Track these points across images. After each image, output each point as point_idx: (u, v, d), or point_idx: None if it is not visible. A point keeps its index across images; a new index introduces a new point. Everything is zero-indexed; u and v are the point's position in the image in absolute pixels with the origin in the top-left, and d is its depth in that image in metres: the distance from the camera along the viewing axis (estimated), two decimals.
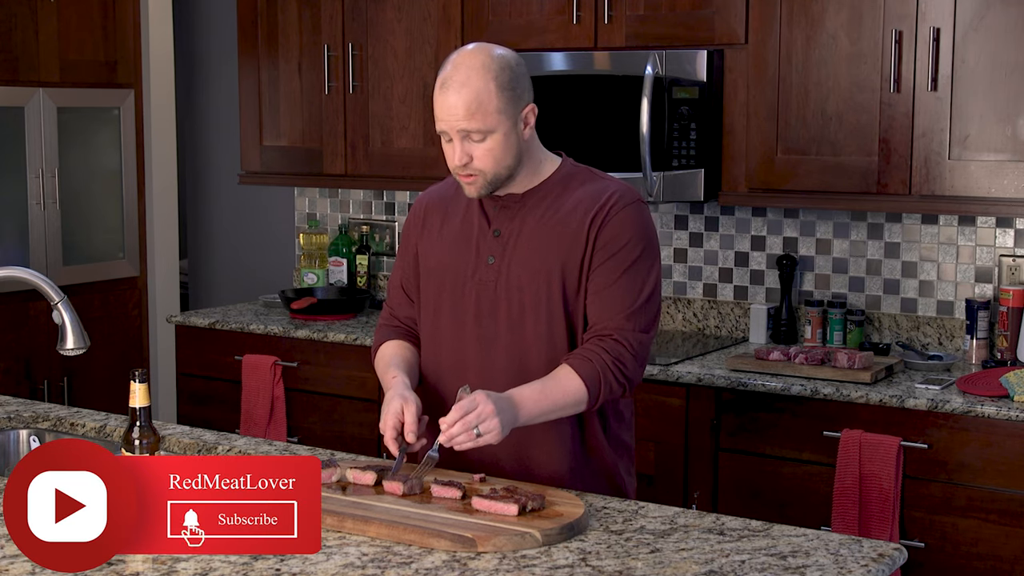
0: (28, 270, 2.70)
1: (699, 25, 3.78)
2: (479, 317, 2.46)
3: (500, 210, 2.48)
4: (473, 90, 2.33)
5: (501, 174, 2.40)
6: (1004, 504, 3.17)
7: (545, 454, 2.46)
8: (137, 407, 2.22)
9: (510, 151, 2.38)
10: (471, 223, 2.50)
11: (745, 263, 4.15)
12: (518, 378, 2.42)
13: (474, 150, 2.36)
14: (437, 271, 2.52)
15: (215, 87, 5.48)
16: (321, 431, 4.27)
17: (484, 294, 2.46)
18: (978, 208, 3.49)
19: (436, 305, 2.52)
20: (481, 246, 2.48)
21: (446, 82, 2.36)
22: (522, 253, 2.44)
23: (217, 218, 5.52)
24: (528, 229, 2.45)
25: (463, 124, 2.34)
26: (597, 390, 2.36)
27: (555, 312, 2.42)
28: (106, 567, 1.96)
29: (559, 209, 2.44)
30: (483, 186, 2.41)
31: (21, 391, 4.73)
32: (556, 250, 2.42)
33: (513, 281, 2.44)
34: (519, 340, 2.44)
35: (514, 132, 2.38)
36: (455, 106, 2.34)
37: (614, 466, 2.53)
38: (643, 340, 2.41)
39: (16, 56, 4.70)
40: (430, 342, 2.55)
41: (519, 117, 2.39)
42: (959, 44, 3.42)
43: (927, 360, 3.63)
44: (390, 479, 2.28)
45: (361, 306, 4.53)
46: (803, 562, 1.99)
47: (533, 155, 2.47)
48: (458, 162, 2.37)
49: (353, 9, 4.45)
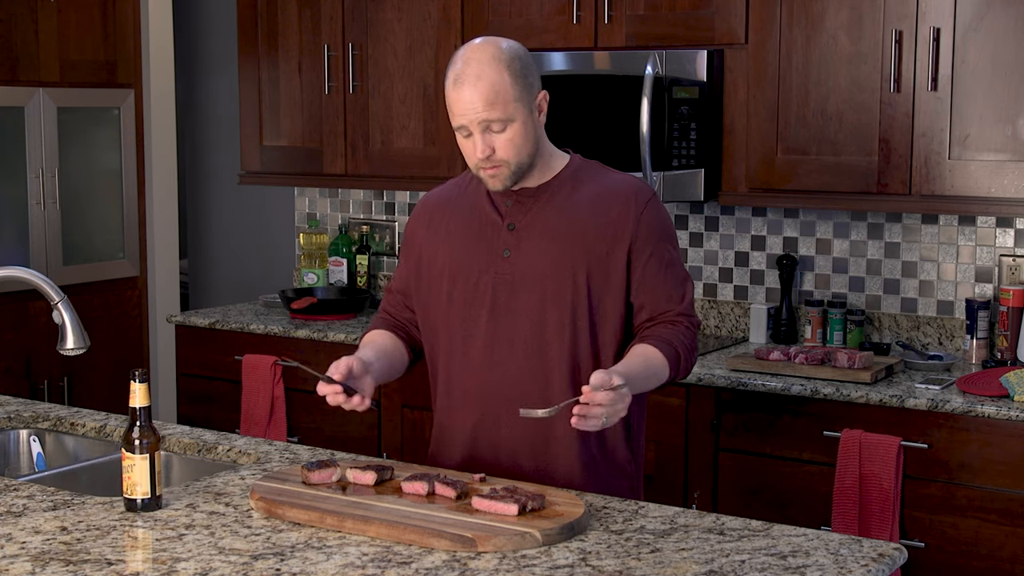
0: (28, 270, 2.70)
1: (699, 25, 3.78)
2: (495, 311, 2.46)
3: (514, 205, 2.47)
4: (489, 81, 2.34)
5: (524, 162, 2.41)
6: (1004, 504, 3.17)
7: (564, 448, 2.47)
8: (137, 407, 2.22)
9: (529, 138, 2.40)
10: (481, 219, 2.50)
11: (745, 263, 4.15)
12: (536, 369, 2.43)
13: (495, 141, 2.37)
14: (448, 269, 2.51)
15: (215, 87, 5.48)
16: (321, 431, 4.27)
17: (501, 287, 2.46)
18: (978, 208, 3.49)
19: (445, 302, 2.51)
20: (495, 240, 2.47)
21: (460, 77, 2.36)
22: (541, 245, 2.44)
23: (217, 218, 5.52)
24: (546, 222, 2.45)
25: (483, 115, 2.34)
26: (675, 372, 2.44)
27: (579, 302, 2.43)
28: (106, 567, 1.96)
29: (578, 201, 2.46)
30: (507, 176, 2.41)
31: (21, 391, 4.73)
32: (581, 242, 2.43)
33: (533, 273, 2.44)
34: (539, 332, 2.44)
35: (531, 119, 2.40)
36: (472, 99, 2.34)
37: (627, 461, 2.54)
38: (698, 325, 2.50)
39: (16, 56, 4.71)
40: (440, 339, 2.54)
41: (534, 104, 2.41)
42: (959, 44, 3.42)
43: (927, 360, 3.63)
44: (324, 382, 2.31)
45: (361, 306, 4.53)
46: (803, 562, 1.99)
47: (546, 147, 2.49)
48: (481, 155, 2.38)
49: (353, 9, 4.45)
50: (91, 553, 2.02)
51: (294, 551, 2.03)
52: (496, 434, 2.48)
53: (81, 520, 2.20)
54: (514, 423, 2.43)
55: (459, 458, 2.53)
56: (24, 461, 2.91)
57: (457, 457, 2.54)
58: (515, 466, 2.47)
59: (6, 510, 2.25)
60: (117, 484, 2.30)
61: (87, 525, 2.17)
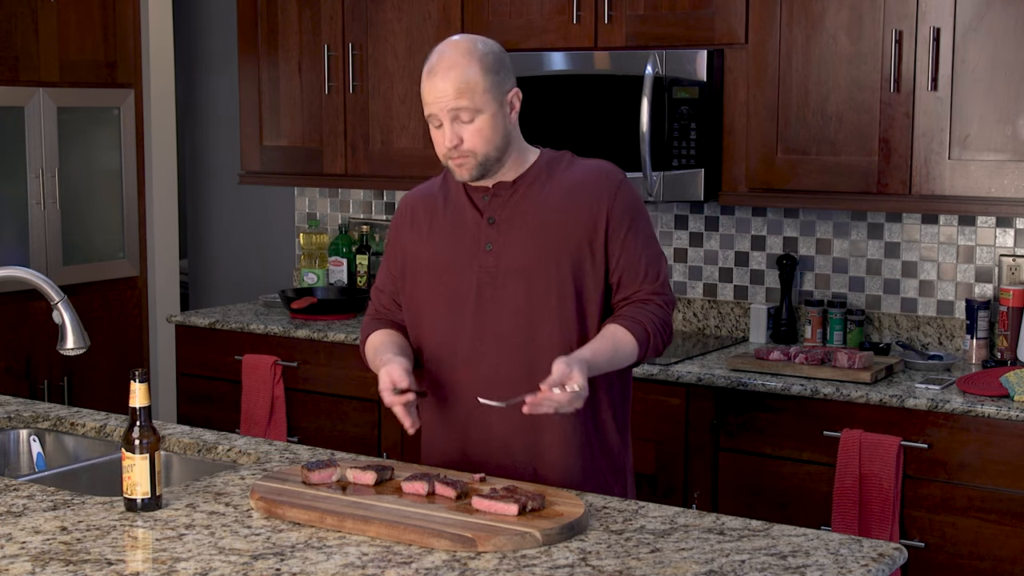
0: (28, 270, 2.70)
1: (699, 25, 3.78)
2: (480, 303, 2.48)
3: (492, 198, 2.51)
4: (460, 71, 2.39)
5: (491, 155, 2.44)
6: (1004, 504, 3.17)
7: (558, 436, 2.49)
8: (137, 407, 2.22)
9: (498, 132, 2.44)
10: (461, 215, 2.53)
11: (745, 263, 4.15)
12: (524, 359, 2.46)
13: (464, 131, 2.42)
14: (431, 264, 2.54)
15: (215, 87, 5.48)
16: (321, 431, 4.27)
17: (485, 280, 2.48)
18: (978, 208, 3.49)
19: (431, 298, 2.54)
20: (477, 234, 2.51)
21: (433, 68, 2.42)
22: (522, 236, 2.48)
23: (217, 218, 5.52)
24: (525, 213, 2.49)
25: (452, 103, 2.39)
26: (644, 352, 2.47)
27: (566, 290, 2.47)
28: (106, 567, 1.96)
29: (554, 190, 2.50)
30: (474, 167, 2.45)
31: (21, 391, 4.73)
32: (562, 230, 2.47)
33: (516, 264, 2.47)
34: (527, 322, 2.47)
35: (501, 113, 2.44)
36: (444, 89, 2.40)
37: (620, 450, 2.57)
38: (673, 303, 2.53)
39: (16, 56, 4.71)
40: (427, 335, 2.56)
41: (505, 100, 2.45)
42: (959, 44, 3.42)
43: (927, 360, 3.63)
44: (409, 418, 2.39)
45: (361, 306, 4.53)
46: (803, 562, 1.99)
47: (519, 143, 2.52)
48: (449, 143, 2.42)
49: (353, 9, 4.45)
50: (91, 553, 2.02)
51: (294, 551, 2.03)
52: (487, 425, 2.50)
53: (81, 520, 2.20)
54: (504, 413, 2.44)
55: (452, 452, 2.55)
56: (24, 461, 2.91)
57: (450, 451, 2.55)
58: (508, 457, 2.49)
59: (6, 510, 2.25)
60: (117, 484, 2.30)
61: (87, 525, 2.17)
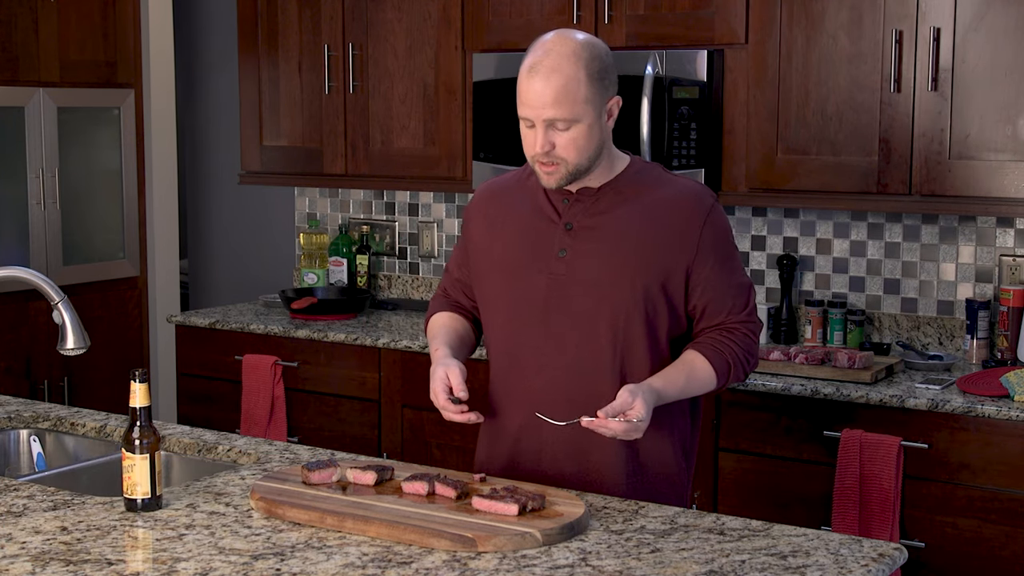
0: (28, 270, 2.70)
1: (699, 25, 3.78)
2: (547, 310, 2.41)
3: (573, 203, 2.42)
4: (563, 77, 2.28)
5: (583, 164, 2.35)
6: (1004, 504, 3.17)
7: (609, 458, 2.43)
8: (137, 407, 2.22)
9: (593, 142, 2.34)
10: (538, 215, 2.44)
11: (745, 263, 4.15)
12: (582, 369, 2.39)
13: (557, 139, 2.31)
14: (501, 263, 2.47)
15: (215, 87, 5.48)
16: (321, 431, 4.27)
17: (555, 286, 2.40)
18: (978, 208, 3.49)
19: (500, 297, 2.47)
20: (551, 238, 2.42)
21: (535, 67, 2.29)
22: (599, 247, 2.38)
23: (217, 218, 5.52)
24: (605, 224, 2.39)
25: (549, 112, 2.29)
26: (724, 381, 2.41)
27: (635, 310, 2.37)
28: (106, 567, 1.96)
29: (640, 204, 2.40)
30: (563, 176, 2.35)
31: (21, 391, 4.73)
32: (642, 247, 2.37)
33: (588, 275, 2.38)
34: (590, 334, 2.38)
35: (598, 123, 2.34)
36: (542, 93, 2.28)
37: (682, 474, 2.50)
38: (760, 327, 2.47)
39: (16, 56, 4.70)
40: (493, 333, 2.51)
41: (604, 108, 2.35)
42: (959, 44, 3.42)
43: (927, 360, 3.63)
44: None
45: (361, 306, 4.53)
46: (803, 562, 1.99)
47: (610, 150, 2.42)
48: (539, 150, 2.32)
49: (353, 9, 4.45)
50: (91, 553, 2.02)
51: (294, 551, 2.03)
52: (539, 438, 2.44)
53: (81, 520, 2.20)
54: (557, 428, 2.38)
55: (503, 461, 2.49)
56: (24, 461, 2.91)
57: (501, 460, 2.50)
58: (558, 472, 2.43)
59: (6, 510, 2.25)
60: (117, 484, 2.30)
61: (87, 525, 2.17)
